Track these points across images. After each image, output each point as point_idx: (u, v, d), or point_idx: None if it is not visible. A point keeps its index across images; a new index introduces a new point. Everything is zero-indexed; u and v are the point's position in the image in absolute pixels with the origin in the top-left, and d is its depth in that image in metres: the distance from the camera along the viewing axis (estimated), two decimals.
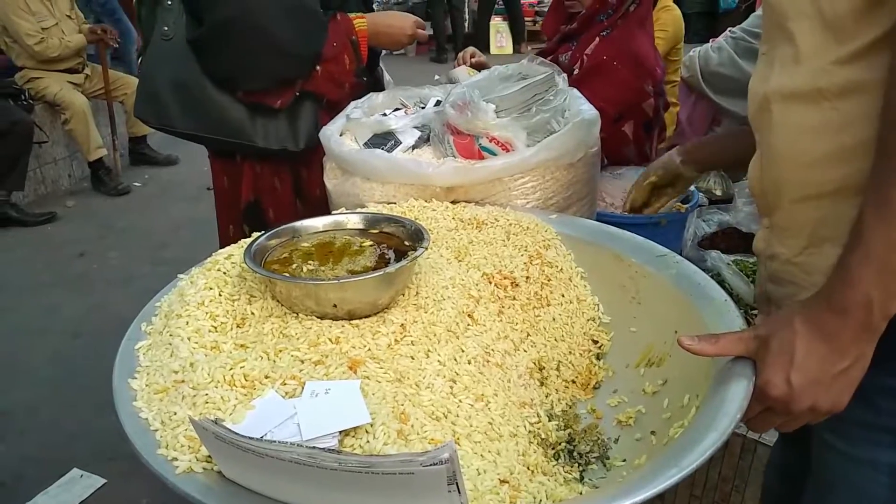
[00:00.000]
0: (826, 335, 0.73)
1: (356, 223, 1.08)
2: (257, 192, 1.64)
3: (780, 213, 0.90)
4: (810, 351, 0.74)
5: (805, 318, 0.75)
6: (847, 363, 0.74)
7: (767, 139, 0.88)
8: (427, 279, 1.04)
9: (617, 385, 1.05)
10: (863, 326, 0.72)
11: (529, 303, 1.11)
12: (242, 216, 1.64)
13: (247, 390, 0.77)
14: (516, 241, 1.19)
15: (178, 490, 0.66)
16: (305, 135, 1.58)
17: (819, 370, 0.74)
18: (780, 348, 0.75)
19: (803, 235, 0.87)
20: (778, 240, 0.91)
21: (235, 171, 1.65)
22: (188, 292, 0.94)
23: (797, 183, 0.85)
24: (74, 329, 2.99)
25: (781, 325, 0.77)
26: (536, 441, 0.91)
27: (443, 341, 0.94)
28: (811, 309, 0.75)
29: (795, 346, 0.74)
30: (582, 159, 1.33)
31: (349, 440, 0.72)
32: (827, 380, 0.74)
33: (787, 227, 0.89)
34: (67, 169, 4.73)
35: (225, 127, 1.56)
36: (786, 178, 0.87)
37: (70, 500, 2.04)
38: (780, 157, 0.87)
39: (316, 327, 0.90)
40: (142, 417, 0.76)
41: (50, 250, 3.77)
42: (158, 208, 4.34)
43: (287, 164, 1.63)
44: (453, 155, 1.34)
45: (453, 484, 0.59)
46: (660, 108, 1.95)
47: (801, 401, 0.76)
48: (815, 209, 0.84)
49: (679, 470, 0.66)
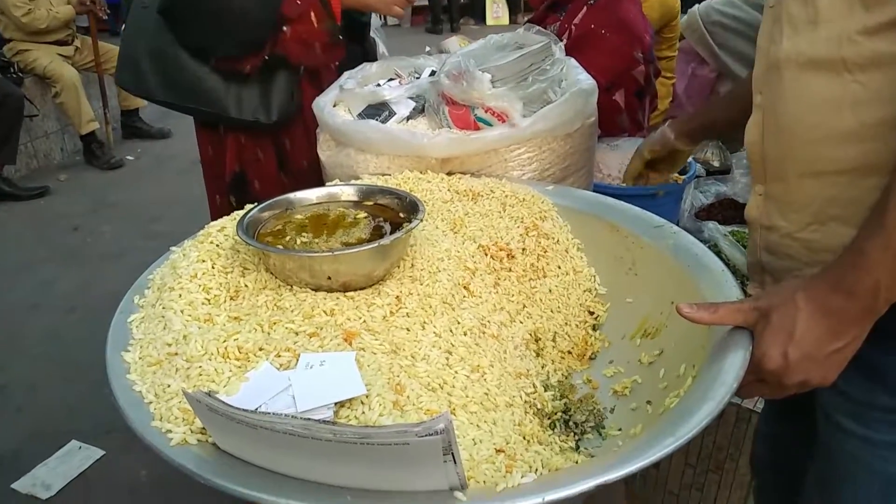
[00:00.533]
0: (828, 314, 0.72)
1: (350, 195, 1.07)
2: (242, 164, 1.63)
3: (781, 186, 0.86)
4: (810, 328, 0.73)
5: (809, 295, 0.73)
6: (844, 343, 0.73)
7: (774, 106, 0.84)
8: (422, 251, 1.03)
9: (613, 356, 1.05)
10: (867, 309, 0.71)
11: (525, 274, 1.11)
12: (228, 187, 1.63)
13: (241, 362, 0.77)
14: (512, 213, 1.18)
15: (173, 462, 0.66)
16: (278, 107, 1.57)
17: (816, 347, 0.73)
18: (781, 323, 0.74)
19: (808, 212, 0.84)
20: (779, 212, 0.88)
21: (220, 141, 1.64)
22: (181, 265, 0.93)
23: (807, 157, 0.81)
24: (69, 304, 2.98)
25: (783, 299, 0.75)
26: (532, 411, 0.91)
27: (438, 313, 0.94)
28: (816, 287, 0.74)
29: (796, 322, 0.73)
30: (579, 130, 1.32)
31: (344, 411, 0.72)
32: (822, 357, 0.74)
33: (791, 202, 0.86)
34: (59, 143, 4.68)
35: (199, 96, 1.55)
36: (794, 152, 0.82)
37: (69, 472, 2.05)
38: (790, 128, 0.82)
39: (310, 299, 0.89)
40: (135, 390, 0.75)
41: (43, 224, 3.74)
42: (151, 182, 4.30)
43: (270, 135, 1.62)
44: (448, 126, 1.32)
45: (448, 454, 0.59)
46: (650, 76, 1.93)
47: (794, 375, 0.75)
48: (825, 186, 0.81)
49: (675, 439, 0.66)
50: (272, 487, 0.62)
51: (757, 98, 0.89)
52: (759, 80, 0.88)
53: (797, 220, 0.85)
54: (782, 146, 0.84)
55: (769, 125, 0.87)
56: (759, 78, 0.88)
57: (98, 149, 4.53)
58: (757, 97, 0.89)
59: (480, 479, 0.71)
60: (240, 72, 1.52)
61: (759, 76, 0.88)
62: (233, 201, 1.59)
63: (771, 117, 0.86)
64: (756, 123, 0.89)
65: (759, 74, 0.88)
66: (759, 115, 0.89)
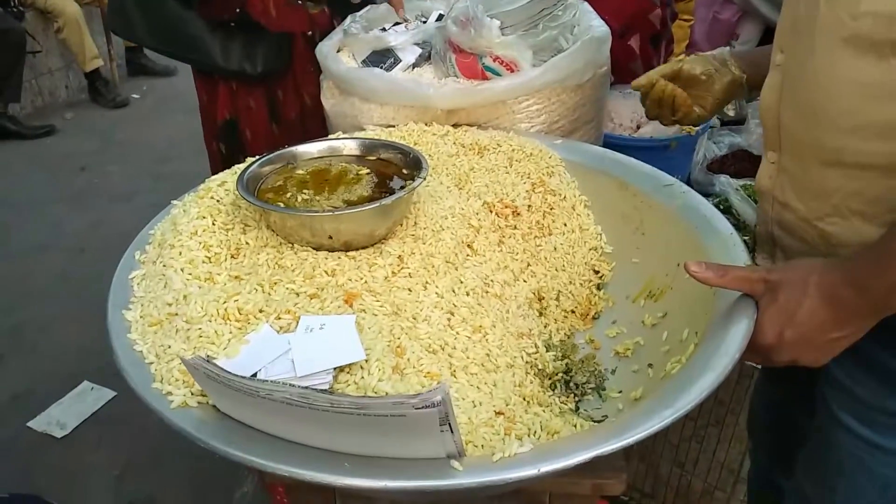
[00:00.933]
0: (836, 304, 0.69)
1: (353, 149, 1.04)
2: (233, 112, 1.61)
3: (799, 166, 0.79)
4: (813, 314, 0.70)
5: (821, 283, 0.70)
6: (844, 333, 0.71)
7: (799, 76, 0.75)
8: (426, 209, 1.01)
9: (616, 316, 1.04)
10: (876, 307, 0.69)
11: (531, 232, 1.09)
12: (219, 135, 1.61)
13: (241, 324, 0.77)
14: (519, 168, 1.15)
15: (173, 425, 0.66)
16: (264, 59, 1.54)
17: (814, 332, 0.71)
18: (786, 302, 0.72)
19: (828, 202, 0.77)
20: (794, 192, 0.81)
21: (213, 87, 1.61)
22: (181, 221, 0.92)
23: (833, 146, 0.73)
24: (79, 245, 3.00)
25: (794, 279, 0.72)
26: (533, 372, 0.91)
27: (441, 273, 0.93)
28: (830, 276, 0.70)
29: (802, 305, 0.71)
30: (590, 80, 1.27)
31: (343, 376, 0.72)
32: (819, 342, 0.72)
33: (809, 187, 0.79)
34: (64, 80, 4.61)
35: (186, 44, 1.52)
36: (818, 136, 0.75)
37: (83, 411, 2.10)
38: (815, 108, 0.74)
39: (311, 259, 0.88)
40: (136, 350, 0.76)
41: (50, 165, 3.73)
42: (158, 121, 4.26)
43: (262, 85, 1.60)
44: (455, 74, 1.28)
45: (445, 424, 0.59)
46: (667, 20, 1.85)
47: (785, 353, 0.74)
48: (850, 179, 0.74)
49: (674, 411, 0.66)
50: (271, 454, 0.62)
51: (777, 56, 0.80)
52: (784, 35, 0.79)
53: (816, 209, 0.79)
54: (804, 125, 0.76)
55: (789, 95, 0.79)
56: (784, 33, 0.79)
57: (103, 87, 4.47)
58: (777, 55, 0.80)
59: (479, 442, 0.72)
60: (223, 21, 1.48)
61: (783, 30, 0.79)
62: (222, 149, 1.58)
63: (793, 87, 0.77)
64: (773, 88, 0.81)
65: (783, 28, 0.79)
66: (777, 77, 0.80)
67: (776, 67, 0.81)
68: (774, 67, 0.81)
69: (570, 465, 0.61)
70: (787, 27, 0.78)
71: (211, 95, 1.64)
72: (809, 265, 0.73)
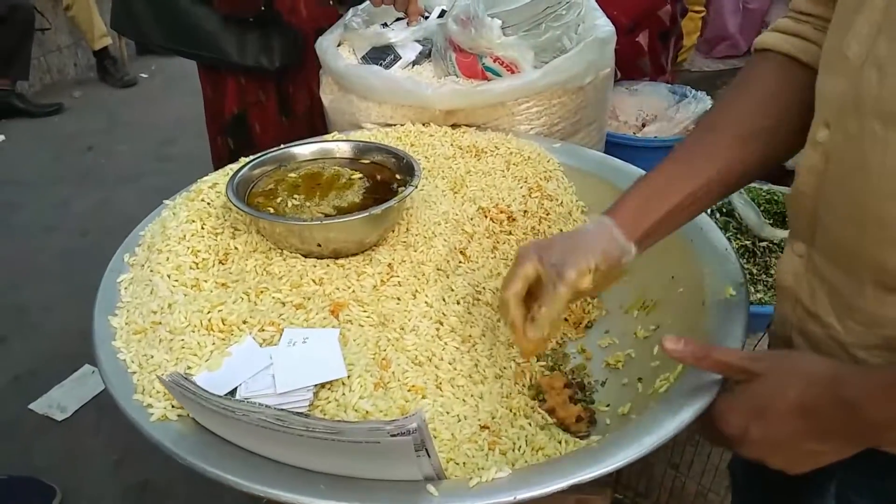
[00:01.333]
0: (814, 417, 0.60)
1: (346, 152, 1.03)
2: (242, 106, 1.59)
3: (843, 278, 0.64)
4: (783, 420, 0.61)
5: (805, 393, 0.60)
6: (824, 449, 0.61)
7: (857, 172, 0.59)
8: (419, 214, 1.00)
9: (609, 325, 1.03)
10: (863, 438, 0.60)
11: (526, 237, 1.08)
12: (227, 129, 1.60)
13: (224, 335, 0.76)
14: (516, 172, 1.14)
15: (152, 438, 0.66)
16: (281, 51, 1.51)
17: (784, 439, 0.62)
18: (760, 395, 0.63)
19: (880, 333, 0.62)
20: (833, 309, 0.66)
21: (220, 81, 1.59)
22: (170, 225, 0.91)
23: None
24: (83, 226, 3.00)
25: (778, 376, 0.62)
26: (521, 382, 0.91)
27: (431, 281, 0.92)
28: (818, 389, 0.59)
29: (774, 407, 0.61)
30: (592, 82, 1.25)
31: (324, 392, 0.71)
32: (788, 450, 0.63)
33: (856, 309, 0.64)
34: (73, 57, 4.60)
35: (197, 38, 1.49)
36: (879, 253, 0.60)
37: (84, 395, 2.12)
38: (874, 213, 0.59)
39: (300, 266, 0.88)
40: (120, 358, 0.75)
41: (57, 143, 3.73)
42: (166, 101, 4.24)
43: (272, 78, 1.57)
44: (455, 73, 1.26)
45: (422, 450, 0.59)
46: (677, 16, 1.82)
47: (749, 450, 0.65)
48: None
49: (657, 438, 0.65)
50: (247, 473, 0.62)
51: (820, 132, 0.64)
52: (830, 104, 0.62)
53: (860, 335, 0.64)
54: (856, 233, 0.61)
55: (835, 188, 0.63)
56: (831, 101, 0.62)
57: (111, 65, 4.46)
58: (820, 131, 0.64)
59: (461, 460, 0.72)
60: (241, 16, 1.46)
61: (828, 97, 0.63)
62: (231, 144, 1.56)
63: (841, 179, 0.62)
64: (813, 171, 0.65)
65: (829, 94, 0.62)
66: (819, 159, 0.64)
67: (816, 145, 0.64)
68: (814, 145, 0.65)
69: (547, 492, 0.61)
70: (835, 94, 0.62)
71: (217, 90, 1.62)
72: (800, 367, 0.62)
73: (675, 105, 1.73)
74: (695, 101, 1.71)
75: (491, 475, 0.63)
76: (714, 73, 2.53)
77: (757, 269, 1.44)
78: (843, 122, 0.60)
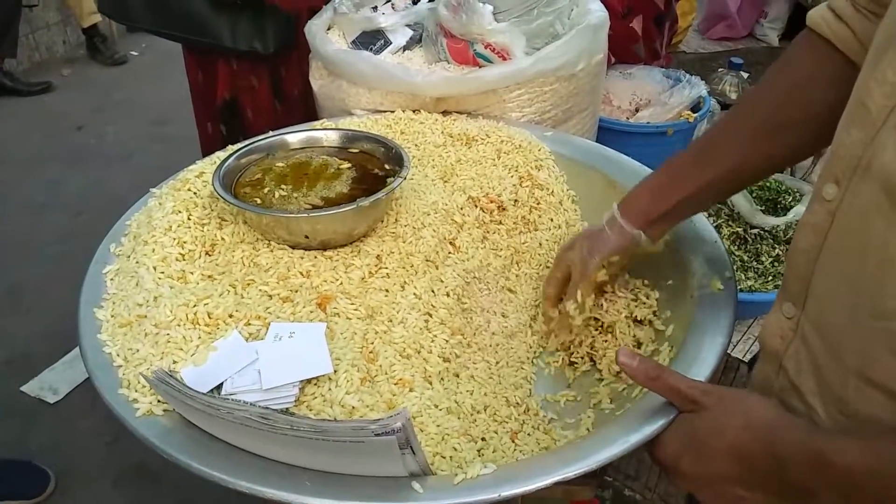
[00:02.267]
0: (746, 464, 0.57)
1: (333, 140, 1.02)
2: (233, 91, 1.56)
3: (836, 367, 0.58)
4: (716, 460, 0.59)
5: (740, 436, 0.58)
6: (751, 496, 0.59)
7: (865, 241, 0.53)
8: (408, 205, 0.99)
9: None
10: (783, 493, 0.56)
11: (516, 227, 1.08)
12: (219, 115, 1.57)
13: (210, 329, 0.76)
14: (507, 161, 1.13)
15: (138, 434, 0.66)
16: (275, 35, 1.49)
17: (714, 480, 0.60)
18: (698, 430, 0.61)
19: (864, 430, 0.57)
20: (819, 391, 0.60)
21: (210, 66, 1.56)
22: (156, 216, 0.90)
23: (891, 368, 0.52)
24: (76, 206, 2.98)
25: (720, 416, 0.60)
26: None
27: (420, 273, 0.92)
28: (754, 433, 0.57)
29: (709, 445, 0.60)
30: (584, 69, 1.24)
31: (310, 388, 0.71)
32: (718, 491, 0.61)
33: (842, 402, 0.57)
34: (61, 35, 4.53)
35: (188, 22, 1.46)
36: (867, 347, 0.54)
37: (75, 377, 2.11)
38: (869, 307, 0.52)
39: (287, 258, 0.87)
40: (105, 352, 0.75)
41: (47, 122, 3.69)
42: (156, 80, 4.18)
43: (265, 62, 1.54)
44: (447, 59, 1.25)
45: (406, 448, 0.59)
46: (671, 0, 1.79)
47: (678, 482, 0.64)
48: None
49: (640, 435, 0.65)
50: (234, 470, 0.62)
51: (828, 189, 0.57)
52: (841, 159, 0.55)
53: (838, 424, 0.58)
54: (846, 312, 0.55)
55: (834, 253, 0.57)
56: (843, 156, 0.55)
57: (101, 43, 4.39)
58: (828, 187, 0.57)
59: (447, 454, 0.72)
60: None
61: (841, 149, 0.55)
62: (223, 130, 1.54)
63: (841, 247, 0.56)
64: (816, 229, 0.58)
65: (842, 145, 0.55)
66: (824, 217, 0.57)
67: (823, 202, 0.57)
68: (820, 201, 0.58)
69: (531, 489, 0.61)
70: (848, 146, 0.55)
71: (208, 75, 1.59)
72: (743, 409, 0.59)
73: (668, 90, 1.71)
74: (689, 85, 1.69)
75: (476, 472, 0.63)
76: (709, 54, 2.50)
77: (748, 257, 1.44)
78: (852, 182, 0.54)
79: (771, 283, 1.37)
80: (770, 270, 1.39)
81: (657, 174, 0.84)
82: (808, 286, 0.60)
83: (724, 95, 1.92)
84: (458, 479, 0.63)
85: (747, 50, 2.46)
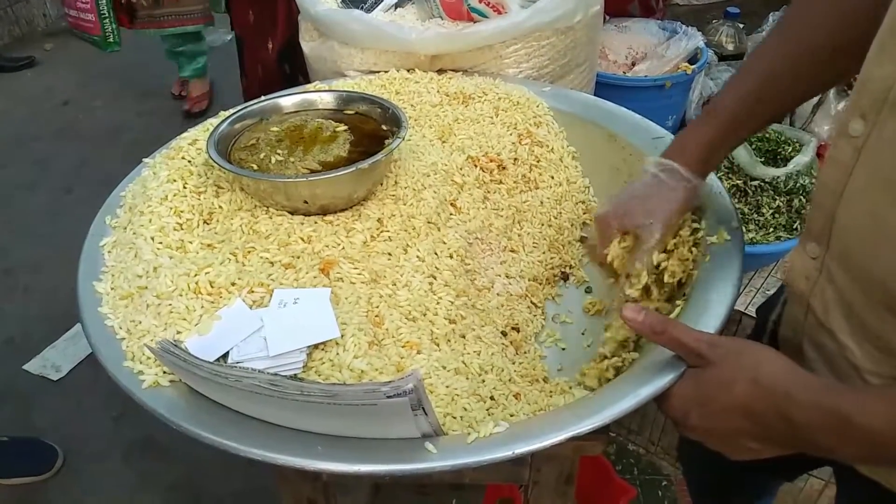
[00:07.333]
0: (756, 420, 0.57)
1: (329, 103, 1.00)
2: (295, 28, 1.48)
3: (868, 306, 0.58)
4: (726, 415, 0.59)
5: (751, 391, 0.57)
6: (762, 447, 0.60)
7: (879, 178, 0.53)
8: (407, 166, 0.97)
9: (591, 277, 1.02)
10: (801, 448, 0.57)
11: (517, 186, 1.06)
12: (279, 55, 1.47)
13: (213, 298, 0.75)
14: (505, 118, 1.11)
15: (145, 405, 0.65)
16: None
17: (724, 432, 0.61)
18: (705, 386, 0.61)
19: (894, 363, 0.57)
20: (850, 330, 0.61)
21: (268, 5, 1.47)
22: (151, 185, 0.88)
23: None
24: (66, 184, 2.95)
25: (729, 371, 0.60)
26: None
27: (422, 235, 0.90)
28: (767, 395, 0.56)
29: (718, 401, 0.59)
30: (581, 21, 1.21)
31: (318, 353, 0.70)
32: (728, 442, 0.62)
33: (871, 333, 0.58)
34: (41, 7, 4.41)
35: None
36: (892, 280, 0.54)
37: (77, 354, 2.11)
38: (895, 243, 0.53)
39: (287, 224, 0.85)
40: (107, 325, 0.74)
41: (33, 99, 3.62)
42: (141, 52, 4.08)
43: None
44: (440, 15, 1.22)
45: (419, 409, 0.58)
46: None
47: (690, 433, 0.65)
48: None
49: (652, 388, 0.64)
50: (244, 437, 0.61)
51: (855, 124, 0.56)
52: (870, 93, 0.54)
53: (877, 361, 0.58)
54: (871, 247, 0.56)
55: (858, 189, 0.56)
56: (872, 90, 0.54)
57: None
58: (856, 123, 0.56)
59: (458, 414, 0.71)
60: None
61: (870, 83, 0.54)
62: (287, 69, 1.46)
63: (866, 182, 0.55)
64: (841, 165, 0.58)
65: (871, 80, 0.54)
66: (850, 154, 0.57)
67: (849, 139, 0.57)
68: (846, 137, 0.57)
69: (545, 446, 0.61)
70: (878, 80, 0.53)
71: (262, 14, 1.48)
72: (754, 366, 0.58)
73: (665, 42, 1.68)
74: (685, 37, 1.66)
75: (489, 430, 0.63)
76: (704, 6, 2.46)
77: (749, 209, 1.43)
78: (881, 117, 0.53)
79: (772, 235, 1.36)
80: (771, 222, 1.38)
81: (707, 118, 0.78)
82: (832, 224, 0.60)
83: (721, 46, 1.89)
84: (471, 437, 0.62)
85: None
